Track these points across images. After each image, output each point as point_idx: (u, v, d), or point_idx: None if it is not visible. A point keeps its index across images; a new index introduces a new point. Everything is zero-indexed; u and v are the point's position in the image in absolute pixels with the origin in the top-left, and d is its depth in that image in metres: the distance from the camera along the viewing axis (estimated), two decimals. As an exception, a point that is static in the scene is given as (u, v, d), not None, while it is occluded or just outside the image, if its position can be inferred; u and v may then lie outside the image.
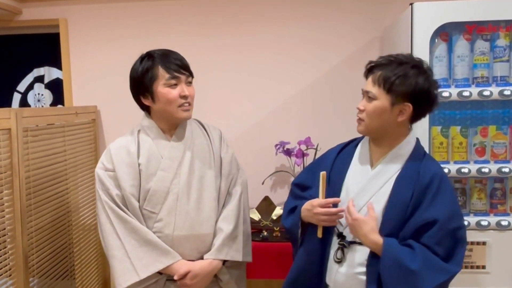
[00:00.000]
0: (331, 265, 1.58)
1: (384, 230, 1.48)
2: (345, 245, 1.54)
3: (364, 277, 1.51)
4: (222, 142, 1.89)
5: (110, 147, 1.79)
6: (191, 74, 1.77)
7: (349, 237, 1.55)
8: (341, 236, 1.56)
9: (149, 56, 1.74)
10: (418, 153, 1.55)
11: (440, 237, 1.43)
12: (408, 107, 1.47)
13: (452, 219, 1.46)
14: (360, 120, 1.56)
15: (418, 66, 1.48)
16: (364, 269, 1.51)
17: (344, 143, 1.72)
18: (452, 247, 1.45)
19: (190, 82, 1.77)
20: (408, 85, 1.44)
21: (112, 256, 1.71)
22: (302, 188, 1.75)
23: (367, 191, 1.54)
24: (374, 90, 1.48)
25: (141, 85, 1.72)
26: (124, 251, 1.68)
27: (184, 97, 1.71)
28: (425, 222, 1.44)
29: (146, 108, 1.81)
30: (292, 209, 1.71)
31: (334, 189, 1.59)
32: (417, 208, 1.46)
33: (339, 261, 1.54)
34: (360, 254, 1.53)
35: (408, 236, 1.46)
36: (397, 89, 1.44)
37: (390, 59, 1.50)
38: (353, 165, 1.61)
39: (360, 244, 1.52)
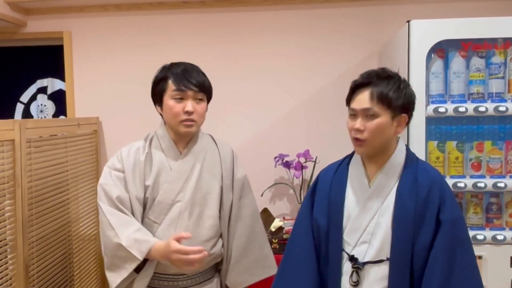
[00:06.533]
0: None
1: (396, 244, 1.47)
2: (359, 267, 1.50)
3: None
4: (234, 163, 1.88)
5: (122, 150, 1.78)
6: (204, 91, 1.73)
7: (361, 258, 1.51)
8: (353, 258, 1.51)
9: (167, 67, 1.74)
10: (411, 160, 1.55)
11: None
12: (405, 118, 1.51)
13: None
14: (360, 141, 1.50)
15: (401, 79, 1.53)
16: (383, 284, 1.48)
17: (337, 162, 1.68)
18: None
19: (201, 99, 1.73)
20: (403, 98, 1.49)
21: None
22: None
23: (369, 208, 1.52)
24: (375, 107, 1.48)
25: (154, 93, 1.76)
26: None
27: (187, 113, 1.69)
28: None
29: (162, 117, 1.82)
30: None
31: (335, 212, 1.57)
32: (423, 218, 1.45)
33: (356, 284, 1.50)
34: (375, 272, 1.50)
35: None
36: (396, 103, 1.47)
37: (378, 75, 1.51)
38: (350, 184, 1.58)
39: (374, 262, 1.49)
